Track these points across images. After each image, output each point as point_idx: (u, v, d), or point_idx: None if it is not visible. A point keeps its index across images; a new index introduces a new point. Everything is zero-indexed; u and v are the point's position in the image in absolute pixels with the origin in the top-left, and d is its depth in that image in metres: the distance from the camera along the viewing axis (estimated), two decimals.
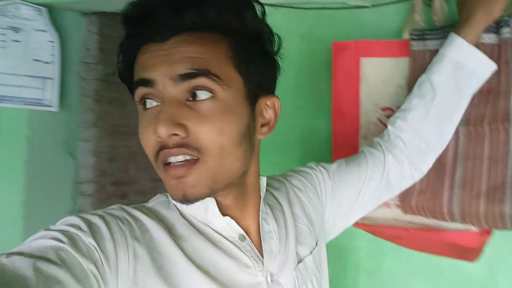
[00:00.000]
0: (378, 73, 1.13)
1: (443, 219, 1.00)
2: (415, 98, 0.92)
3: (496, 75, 0.92)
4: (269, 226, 0.72)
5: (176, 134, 0.57)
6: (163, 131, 0.56)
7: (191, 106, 0.58)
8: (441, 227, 1.06)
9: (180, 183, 0.59)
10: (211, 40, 0.60)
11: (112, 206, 0.65)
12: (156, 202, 0.69)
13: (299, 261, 0.73)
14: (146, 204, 0.69)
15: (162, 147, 0.58)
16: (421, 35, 1.04)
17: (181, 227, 0.65)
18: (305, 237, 0.77)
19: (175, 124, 0.57)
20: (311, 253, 0.76)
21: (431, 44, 1.02)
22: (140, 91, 0.60)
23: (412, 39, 1.05)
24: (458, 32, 0.89)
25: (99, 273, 0.53)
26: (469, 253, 1.07)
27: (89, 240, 0.54)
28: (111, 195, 3.57)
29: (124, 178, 3.64)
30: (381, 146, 0.93)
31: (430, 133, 0.91)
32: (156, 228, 0.62)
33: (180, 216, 0.67)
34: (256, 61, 0.65)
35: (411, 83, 1.04)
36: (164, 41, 0.59)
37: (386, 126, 1.14)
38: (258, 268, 0.66)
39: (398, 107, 1.10)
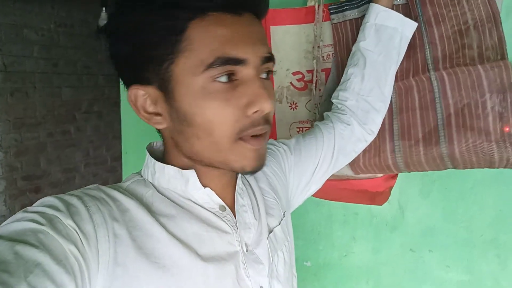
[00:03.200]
0: (287, 40, 1.15)
1: (391, 171, 1.03)
2: (350, 68, 0.95)
3: None
4: (243, 200, 0.72)
5: None
6: (270, 107, 0.58)
7: (263, 83, 0.60)
8: (350, 176, 1.11)
9: (258, 154, 0.61)
10: (261, 24, 0.63)
11: (89, 186, 0.62)
12: (131, 182, 0.66)
13: (270, 232, 0.73)
14: (122, 184, 0.66)
15: (254, 123, 0.59)
16: (339, 7, 1.07)
17: (160, 204, 0.63)
18: (273, 209, 0.77)
19: (271, 101, 0.59)
20: (279, 224, 0.77)
21: (349, 14, 1.06)
22: (226, 68, 0.56)
23: (331, 13, 1.08)
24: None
25: (80, 253, 0.50)
26: (377, 197, 1.14)
27: (68, 222, 0.52)
28: (23, 190, 3.34)
29: (35, 171, 3.44)
30: (330, 117, 0.95)
31: (370, 94, 0.93)
32: (135, 207, 0.60)
33: (158, 193, 0.64)
34: None
35: (339, 53, 1.08)
36: (240, 15, 0.58)
37: (298, 89, 1.18)
38: (236, 238, 0.66)
39: (307, 71, 1.15)
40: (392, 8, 0.94)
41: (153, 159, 0.66)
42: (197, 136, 0.59)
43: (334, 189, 1.14)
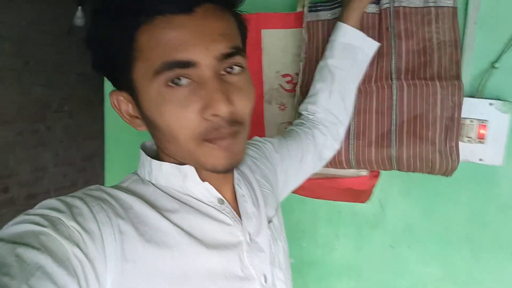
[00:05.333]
0: (277, 43, 1.19)
1: (342, 167, 1.11)
2: (318, 83, 1.01)
3: (379, 40, 1.05)
4: (242, 190, 0.73)
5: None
6: (226, 109, 0.56)
7: (227, 80, 0.58)
8: (336, 175, 1.17)
9: (228, 152, 0.59)
10: (225, 14, 0.60)
11: (91, 187, 0.61)
12: (130, 182, 0.66)
13: (269, 222, 0.76)
14: (121, 185, 0.66)
15: (215, 127, 0.57)
16: (314, 7, 1.13)
17: (162, 201, 0.64)
18: (270, 200, 0.80)
19: (230, 101, 0.56)
20: (276, 213, 0.80)
21: (322, 15, 1.12)
22: (175, 73, 0.55)
23: (308, 11, 1.13)
24: (342, 18, 1.00)
25: (84, 254, 0.50)
26: (361, 195, 1.20)
27: (71, 223, 0.52)
28: None
29: (3, 171, 3.31)
30: (306, 124, 0.99)
31: (336, 108, 0.99)
32: (139, 204, 0.61)
33: (159, 190, 0.65)
34: (244, 31, 0.66)
35: (308, 51, 1.13)
36: (191, 13, 0.55)
37: (287, 91, 1.22)
38: (238, 229, 0.67)
39: (296, 74, 1.19)
40: (363, 16, 1.02)
41: (148, 157, 0.66)
42: (167, 140, 0.60)
43: (321, 188, 1.19)
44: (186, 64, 0.55)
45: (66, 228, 0.51)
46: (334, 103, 0.99)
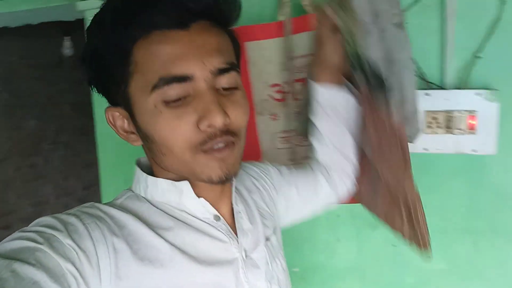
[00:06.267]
0: (262, 54, 1.20)
1: None
2: (315, 142, 0.98)
3: None
4: (238, 207, 0.73)
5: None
6: (221, 121, 0.57)
7: (223, 94, 0.60)
8: None
9: (223, 163, 0.60)
10: (221, 31, 0.62)
11: (85, 204, 0.62)
12: (124, 198, 0.66)
13: (267, 240, 0.75)
14: (115, 201, 0.66)
15: (210, 136, 0.58)
16: None
17: (157, 217, 0.64)
18: (267, 220, 0.79)
19: (225, 113, 0.58)
20: (274, 233, 0.79)
21: None
22: (173, 88, 0.56)
23: None
24: (313, 75, 0.94)
25: (79, 272, 0.51)
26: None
27: (66, 241, 0.52)
28: None
29: (3, 208, 3.31)
30: (323, 169, 0.97)
31: (339, 164, 0.97)
32: (133, 221, 0.61)
33: (153, 207, 0.65)
34: (237, 48, 0.68)
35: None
36: (187, 28, 0.57)
37: (277, 100, 1.22)
38: (234, 245, 0.67)
39: (285, 82, 1.20)
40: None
41: (144, 173, 0.67)
42: (161, 152, 0.61)
43: None
44: (183, 79, 0.56)
45: (62, 246, 0.51)
46: (334, 161, 0.97)
